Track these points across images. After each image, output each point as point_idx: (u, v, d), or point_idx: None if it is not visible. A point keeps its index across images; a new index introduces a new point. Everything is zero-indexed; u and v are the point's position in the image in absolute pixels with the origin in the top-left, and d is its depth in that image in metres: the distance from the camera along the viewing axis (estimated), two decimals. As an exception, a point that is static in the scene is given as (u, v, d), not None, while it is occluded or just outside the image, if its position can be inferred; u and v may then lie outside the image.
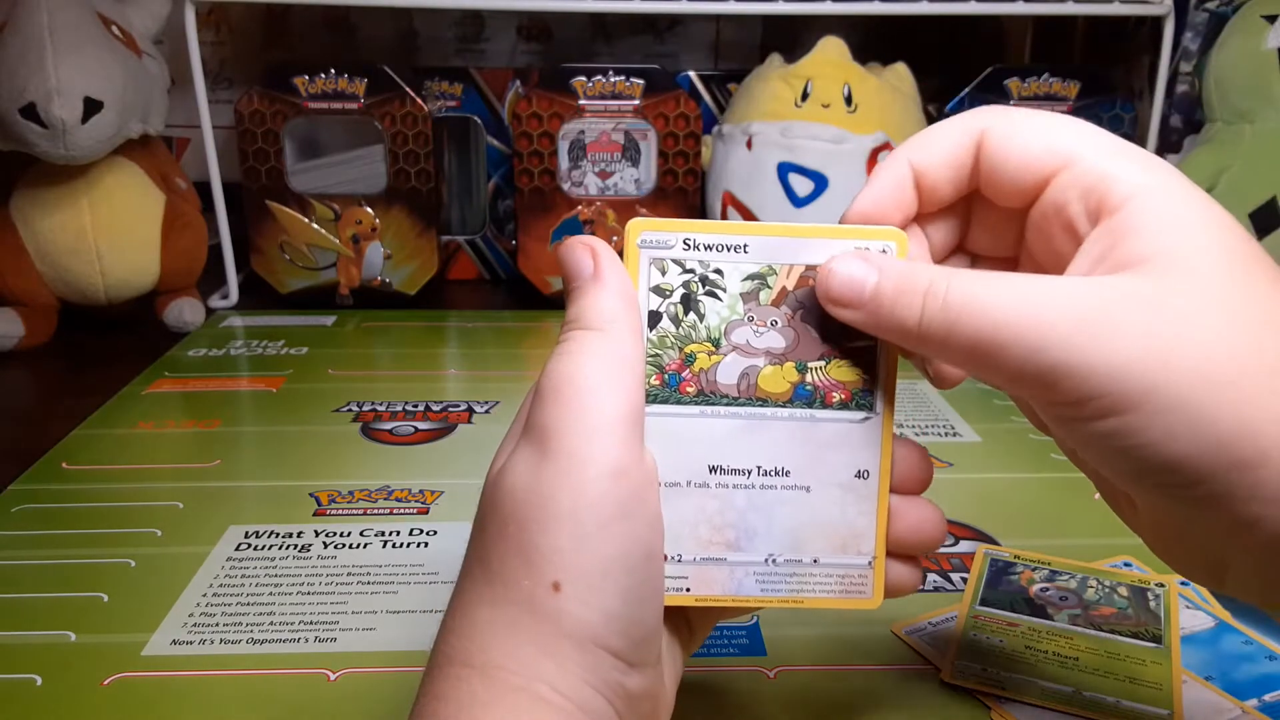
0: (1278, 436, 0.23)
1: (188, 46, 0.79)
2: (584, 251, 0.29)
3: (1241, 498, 0.24)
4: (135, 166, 0.77)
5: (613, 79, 0.81)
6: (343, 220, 0.84)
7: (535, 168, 0.83)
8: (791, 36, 1.00)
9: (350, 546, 0.48)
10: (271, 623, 0.42)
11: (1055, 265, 0.28)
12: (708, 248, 0.30)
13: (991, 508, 0.52)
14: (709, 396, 0.30)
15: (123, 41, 0.74)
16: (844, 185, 0.78)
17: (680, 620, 0.31)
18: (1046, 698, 0.37)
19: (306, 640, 0.41)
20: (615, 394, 0.27)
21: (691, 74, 0.95)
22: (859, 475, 0.30)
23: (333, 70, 0.81)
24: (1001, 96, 0.84)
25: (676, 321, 0.30)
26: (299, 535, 0.49)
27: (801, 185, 0.78)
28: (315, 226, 0.83)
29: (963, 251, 0.32)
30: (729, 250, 0.30)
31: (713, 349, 0.30)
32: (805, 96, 0.79)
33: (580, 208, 0.84)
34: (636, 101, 0.82)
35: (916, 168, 0.29)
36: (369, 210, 0.84)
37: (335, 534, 0.49)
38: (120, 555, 0.47)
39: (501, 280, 0.95)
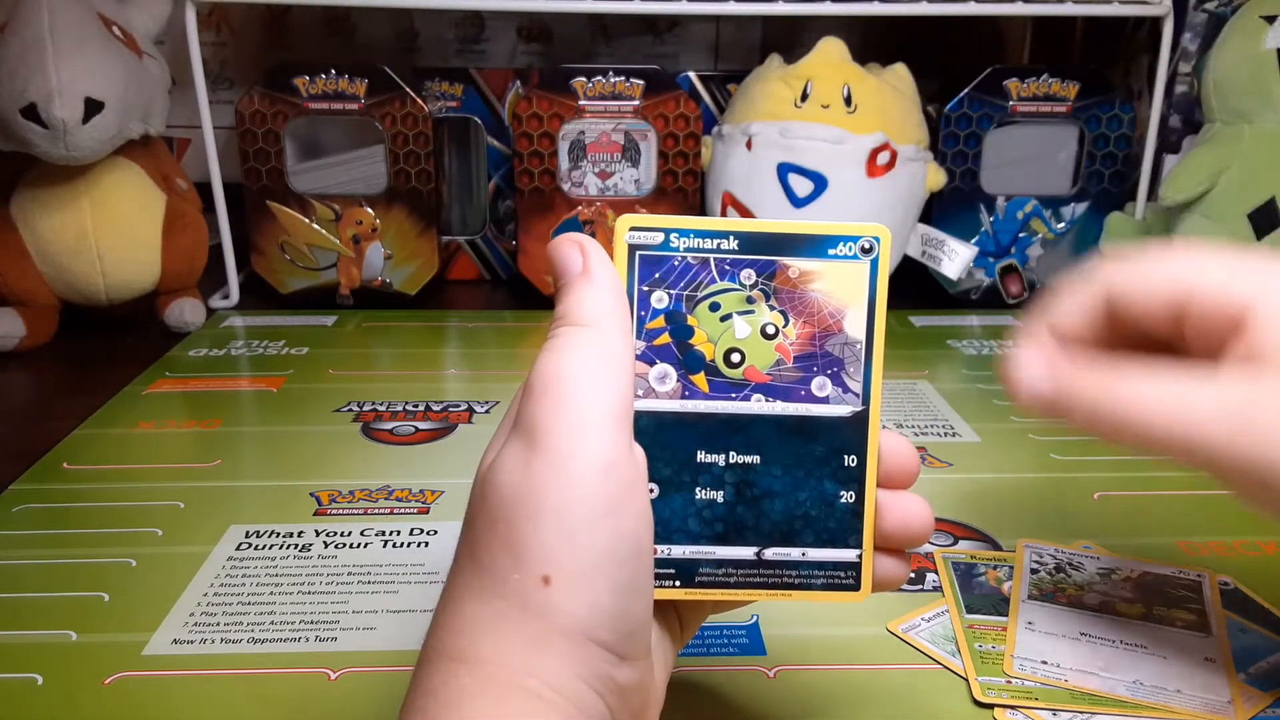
0: None
1: (188, 47, 0.79)
2: (572, 248, 0.29)
3: None
4: (136, 167, 0.77)
5: (613, 79, 0.81)
6: (343, 220, 0.84)
7: (535, 168, 0.83)
8: (791, 37, 1.00)
9: (351, 546, 0.48)
10: (272, 622, 0.42)
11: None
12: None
13: (991, 508, 0.53)
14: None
15: (123, 42, 0.74)
16: (843, 186, 0.78)
17: (670, 614, 0.32)
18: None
19: (307, 640, 0.41)
20: (604, 389, 0.27)
21: (691, 74, 0.95)
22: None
23: (333, 70, 0.81)
24: (1001, 97, 0.84)
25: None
26: (299, 535, 0.49)
27: (801, 186, 0.78)
28: (316, 227, 0.84)
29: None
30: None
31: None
32: (805, 97, 0.79)
33: (580, 208, 0.84)
34: (636, 102, 0.82)
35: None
36: (369, 210, 0.84)
37: (336, 534, 0.49)
38: (121, 555, 0.47)
39: (501, 280, 0.95)
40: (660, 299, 0.30)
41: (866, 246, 0.30)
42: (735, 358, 0.30)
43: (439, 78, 0.91)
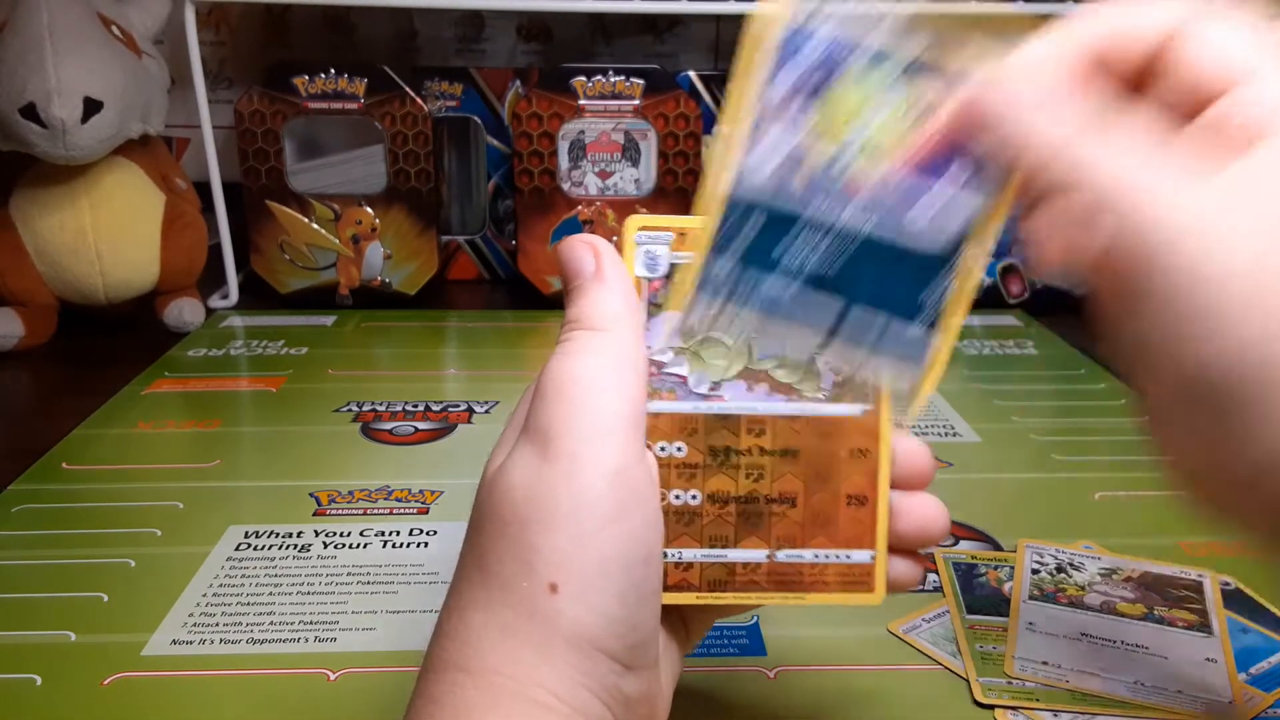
0: None
1: (188, 46, 0.79)
2: (585, 250, 0.29)
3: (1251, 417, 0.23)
4: (135, 166, 0.77)
5: (613, 79, 0.81)
6: (343, 220, 0.84)
7: (535, 168, 0.83)
8: (791, 36, 1.00)
9: (350, 546, 0.48)
10: (271, 623, 0.42)
11: None
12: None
13: (991, 508, 0.52)
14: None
15: (123, 41, 0.74)
16: (844, 185, 0.78)
17: (677, 620, 0.31)
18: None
19: (306, 640, 0.41)
20: (617, 394, 0.27)
21: (691, 74, 0.95)
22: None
23: (333, 70, 0.81)
24: (1001, 96, 0.84)
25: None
26: (299, 535, 0.49)
27: (801, 185, 0.78)
28: (315, 226, 0.83)
29: None
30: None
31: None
32: (805, 96, 0.79)
33: (580, 208, 0.84)
34: (636, 101, 0.82)
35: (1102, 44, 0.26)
36: (369, 210, 0.84)
37: (335, 534, 0.49)
38: (120, 555, 0.47)
39: (501, 280, 0.95)
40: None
41: None
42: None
43: (439, 77, 0.91)
